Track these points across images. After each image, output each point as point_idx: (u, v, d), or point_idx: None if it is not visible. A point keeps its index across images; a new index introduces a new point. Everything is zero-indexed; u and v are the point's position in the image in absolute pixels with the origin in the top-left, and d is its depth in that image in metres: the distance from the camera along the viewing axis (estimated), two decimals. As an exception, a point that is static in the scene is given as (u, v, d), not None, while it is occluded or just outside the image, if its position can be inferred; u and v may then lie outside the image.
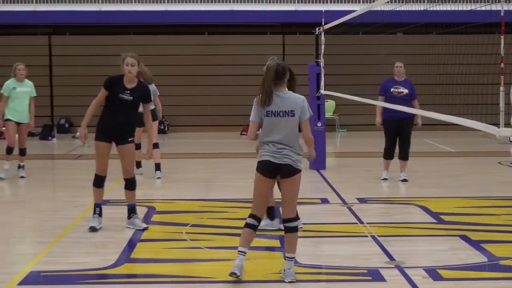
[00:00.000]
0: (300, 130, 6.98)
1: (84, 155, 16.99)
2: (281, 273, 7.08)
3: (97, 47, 23.84)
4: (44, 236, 8.90)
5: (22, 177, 13.45)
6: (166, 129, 24.20)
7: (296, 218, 7.13)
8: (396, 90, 12.85)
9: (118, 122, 8.99)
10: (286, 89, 7.05)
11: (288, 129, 6.92)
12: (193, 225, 9.49)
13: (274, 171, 6.95)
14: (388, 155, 13.17)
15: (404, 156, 13.12)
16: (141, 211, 10.33)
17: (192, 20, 24.22)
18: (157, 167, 13.45)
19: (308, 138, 7.08)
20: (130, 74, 8.93)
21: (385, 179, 13.12)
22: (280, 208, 7.18)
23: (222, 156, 17.21)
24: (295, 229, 7.02)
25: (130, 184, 9.31)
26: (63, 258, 7.91)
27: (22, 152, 13.55)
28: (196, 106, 24.31)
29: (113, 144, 9.02)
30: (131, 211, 9.36)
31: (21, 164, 13.62)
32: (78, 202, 11.01)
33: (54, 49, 24.37)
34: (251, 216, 7.08)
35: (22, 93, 13.26)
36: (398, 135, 12.97)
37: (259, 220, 7.09)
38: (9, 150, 13.35)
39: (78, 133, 10.98)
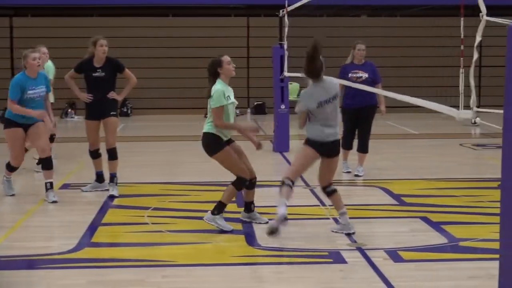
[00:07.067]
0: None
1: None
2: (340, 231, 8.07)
3: (60, 29, 23.62)
4: (4, 221, 8.81)
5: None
6: (129, 112, 24.08)
7: None
8: (354, 75, 11.52)
9: None
10: None
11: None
12: (155, 209, 9.44)
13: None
14: (345, 144, 11.58)
15: (362, 148, 11.77)
16: (103, 194, 10.29)
17: (156, 2, 24.09)
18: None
19: None
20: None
21: (348, 172, 11.90)
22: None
23: (185, 139, 17.14)
24: (336, 190, 8.31)
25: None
26: (23, 243, 7.82)
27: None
28: (159, 89, 24.21)
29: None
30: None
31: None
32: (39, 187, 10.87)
33: (15, 31, 24.09)
34: (288, 179, 7.93)
35: None
36: (357, 125, 11.71)
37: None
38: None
39: None
